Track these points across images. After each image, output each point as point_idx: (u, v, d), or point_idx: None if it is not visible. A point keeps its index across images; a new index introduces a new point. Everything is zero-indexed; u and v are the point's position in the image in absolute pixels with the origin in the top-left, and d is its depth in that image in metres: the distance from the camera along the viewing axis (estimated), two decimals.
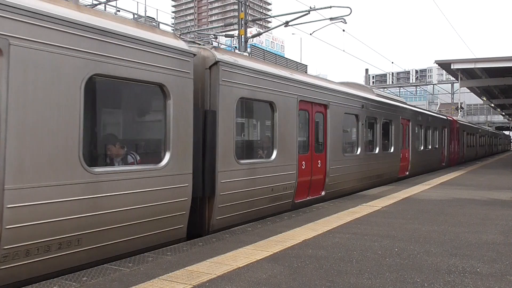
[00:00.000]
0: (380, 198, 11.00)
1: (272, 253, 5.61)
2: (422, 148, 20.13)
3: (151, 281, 4.50)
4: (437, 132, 23.25)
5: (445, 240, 6.48)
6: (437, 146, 23.07)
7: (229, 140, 7.43)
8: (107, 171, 5.39)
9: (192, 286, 4.35)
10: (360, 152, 12.81)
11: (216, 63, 7.18)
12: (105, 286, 4.37)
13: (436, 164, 22.99)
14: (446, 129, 25.20)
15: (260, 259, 5.31)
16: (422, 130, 20.19)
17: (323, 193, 10.83)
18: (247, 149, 9.47)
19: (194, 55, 6.74)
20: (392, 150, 15.69)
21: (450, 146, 26.41)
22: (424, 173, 19.88)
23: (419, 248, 5.98)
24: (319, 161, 10.58)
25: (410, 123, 18.06)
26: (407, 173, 17.83)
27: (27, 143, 4.53)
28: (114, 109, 6.93)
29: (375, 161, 14.15)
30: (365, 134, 13.29)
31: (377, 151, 14.42)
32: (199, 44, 7.89)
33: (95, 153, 6.02)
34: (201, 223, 7.22)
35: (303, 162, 9.84)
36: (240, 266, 5.02)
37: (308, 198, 10.15)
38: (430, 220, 8.07)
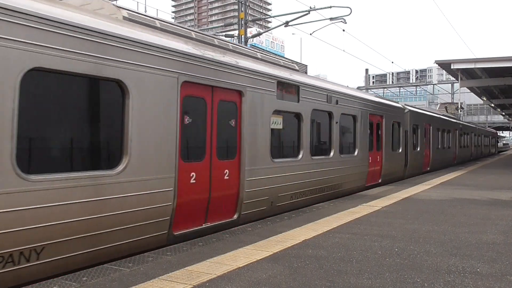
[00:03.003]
0: (380, 198, 10.99)
1: (272, 253, 5.61)
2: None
3: (151, 281, 4.50)
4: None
5: (445, 240, 6.48)
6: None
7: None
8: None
9: (192, 286, 4.35)
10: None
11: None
12: (105, 286, 4.37)
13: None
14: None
15: (260, 259, 5.30)
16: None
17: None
18: None
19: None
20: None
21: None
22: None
23: (419, 248, 5.98)
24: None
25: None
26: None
27: None
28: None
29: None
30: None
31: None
32: None
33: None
34: None
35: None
36: (240, 266, 5.02)
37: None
38: (430, 220, 8.07)
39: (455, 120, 30.00)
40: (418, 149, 19.60)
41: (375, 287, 4.38)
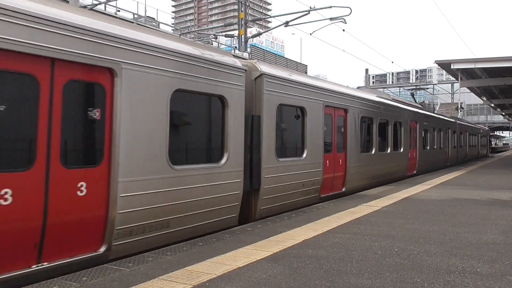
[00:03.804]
0: (380, 198, 10.99)
1: (272, 253, 5.61)
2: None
3: (151, 281, 4.50)
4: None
5: (445, 240, 6.48)
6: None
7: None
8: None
9: (192, 286, 4.35)
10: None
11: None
12: (105, 286, 4.37)
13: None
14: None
15: (260, 259, 5.31)
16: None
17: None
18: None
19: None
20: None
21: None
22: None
23: (419, 248, 5.98)
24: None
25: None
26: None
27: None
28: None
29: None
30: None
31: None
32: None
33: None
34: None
35: None
36: (240, 266, 5.02)
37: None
38: (430, 220, 8.07)
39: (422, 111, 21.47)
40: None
41: (375, 287, 4.38)
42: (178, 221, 6.54)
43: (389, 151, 15.51)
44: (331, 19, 20.77)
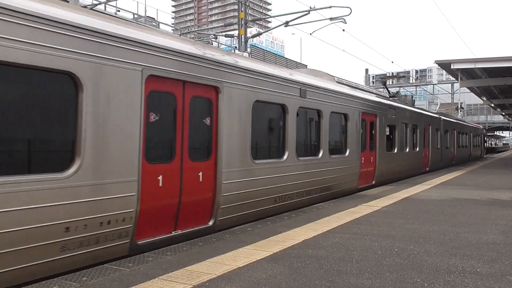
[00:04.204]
0: (380, 198, 10.99)
1: (272, 253, 5.61)
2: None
3: (151, 281, 4.50)
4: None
5: (445, 240, 6.48)
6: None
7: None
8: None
9: (192, 286, 4.35)
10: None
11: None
12: (105, 286, 4.37)
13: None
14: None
15: (260, 259, 5.31)
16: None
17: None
18: None
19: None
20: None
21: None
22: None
23: (419, 248, 5.98)
24: None
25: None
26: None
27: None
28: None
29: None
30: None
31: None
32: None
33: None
34: None
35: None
36: (240, 266, 5.02)
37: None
38: (430, 220, 8.07)
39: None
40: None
41: (375, 287, 4.38)
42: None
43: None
44: (331, 19, 20.76)
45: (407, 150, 17.78)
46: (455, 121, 29.05)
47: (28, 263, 4.73)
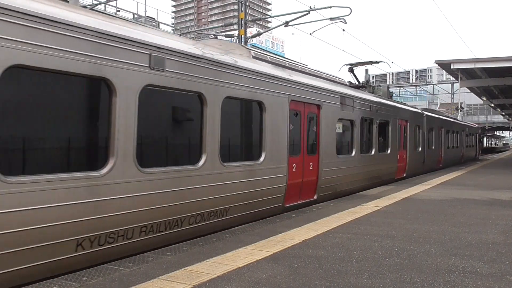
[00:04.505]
0: (380, 198, 11.00)
1: (272, 253, 5.61)
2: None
3: (151, 281, 4.50)
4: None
5: (445, 240, 6.48)
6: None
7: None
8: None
9: (192, 286, 4.35)
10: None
11: None
12: (105, 286, 4.37)
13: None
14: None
15: (260, 259, 5.30)
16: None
17: None
18: None
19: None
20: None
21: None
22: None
23: (419, 248, 5.98)
24: None
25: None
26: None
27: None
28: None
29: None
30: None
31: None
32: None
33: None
34: None
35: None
36: (240, 266, 5.02)
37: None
38: (430, 220, 8.07)
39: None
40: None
41: (375, 287, 4.38)
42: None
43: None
44: (331, 19, 20.76)
45: (372, 152, 14.19)
46: (443, 118, 25.45)
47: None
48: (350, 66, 17.90)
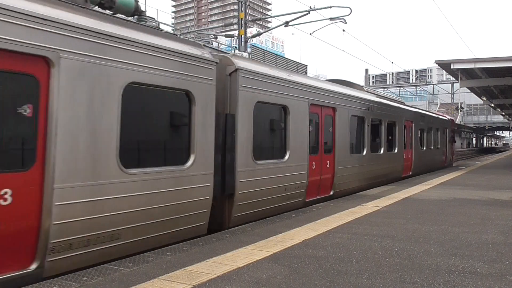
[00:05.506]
0: (380, 198, 10.99)
1: (272, 253, 5.61)
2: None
3: (151, 281, 4.50)
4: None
5: (445, 240, 6.48)
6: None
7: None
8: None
9: (192, 286, 4.35)
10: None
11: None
12: (105, 286, 4.37)
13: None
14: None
15: (260, 259, 5.30)
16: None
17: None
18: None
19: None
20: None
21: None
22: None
23: (419, 248, 5.98)
24: None
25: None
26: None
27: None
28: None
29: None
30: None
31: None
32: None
33: None
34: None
35: None
36: (240, 266, 5.02)
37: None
38: (430, 220, 8.07)
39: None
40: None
41: (375, 287, 4.38)
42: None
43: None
44: (331, 19, 20.78)
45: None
46: (396, 105, 16.50)
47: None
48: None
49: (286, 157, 9.25)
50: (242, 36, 22.62)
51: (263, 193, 8.53)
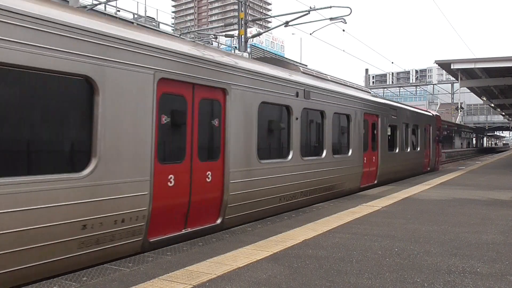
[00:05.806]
0: (380, 198, 10.99)
1: (272, 253, 5.61)
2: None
3: (151, 281, 4.50)
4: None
5: (445, 240, 6.48)
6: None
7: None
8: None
9: (192, 286, 4.35)
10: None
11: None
12: (105, 286, 4.37)
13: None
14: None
15: (260, 259, 5.30)
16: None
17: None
18: None
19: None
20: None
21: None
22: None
23: (419, 248, 5.98)
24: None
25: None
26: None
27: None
28: None
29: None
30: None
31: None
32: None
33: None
34: None
35: None
36: (240, 266, 5.02)
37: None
38: (430, 220, 8.07)
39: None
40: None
41: (375, 287, 4.38)
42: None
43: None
44: (331, 19, 20.77)
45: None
46: (349, 94, 12.49)
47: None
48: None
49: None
50: (242, 36, 22.62)
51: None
